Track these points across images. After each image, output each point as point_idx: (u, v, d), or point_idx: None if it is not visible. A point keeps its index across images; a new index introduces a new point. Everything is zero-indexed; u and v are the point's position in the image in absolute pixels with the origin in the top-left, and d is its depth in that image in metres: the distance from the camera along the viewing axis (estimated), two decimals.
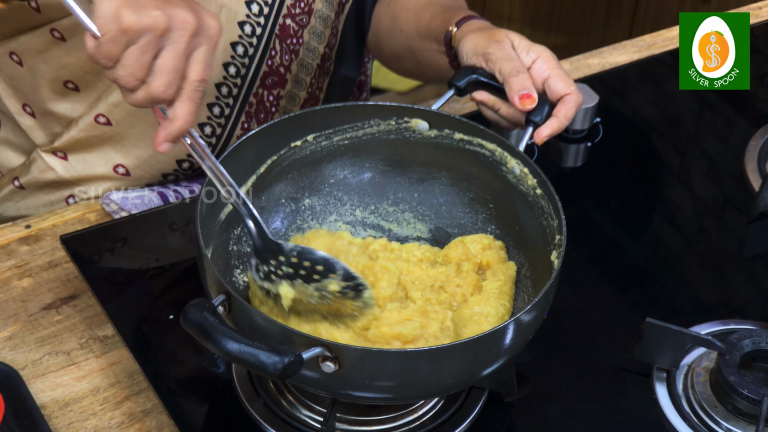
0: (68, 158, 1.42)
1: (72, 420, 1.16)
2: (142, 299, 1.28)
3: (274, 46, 1.39)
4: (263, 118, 1.44)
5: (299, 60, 1.43)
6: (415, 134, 1.23)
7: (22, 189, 1.46)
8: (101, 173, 1.42)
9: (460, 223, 1.25)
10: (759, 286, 1.37)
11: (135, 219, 1.36)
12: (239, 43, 1.35)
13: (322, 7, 1.42)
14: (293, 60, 1.42)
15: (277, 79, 1.42)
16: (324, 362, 0.97)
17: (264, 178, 1.20)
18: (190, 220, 1.37)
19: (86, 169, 1.42)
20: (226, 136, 1.42)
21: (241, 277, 1.18)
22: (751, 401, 1.15)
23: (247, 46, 1.36)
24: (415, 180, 1.26)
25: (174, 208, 1.38)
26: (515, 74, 1.21)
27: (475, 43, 1.26)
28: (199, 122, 1.40)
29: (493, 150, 1.20)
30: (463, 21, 1.32)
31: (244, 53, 1.36)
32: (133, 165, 1.41)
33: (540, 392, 1.21)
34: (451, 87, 1.24)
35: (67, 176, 1.43)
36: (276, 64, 1.41)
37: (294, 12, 1.39)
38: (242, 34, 1.35)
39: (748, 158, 1.51)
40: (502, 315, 1.15)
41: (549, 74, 1.23)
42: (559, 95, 1.22)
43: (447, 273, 1.18)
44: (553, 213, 1.12)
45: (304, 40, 1.42)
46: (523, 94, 1.20)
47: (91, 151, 1.41)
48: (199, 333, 0.95)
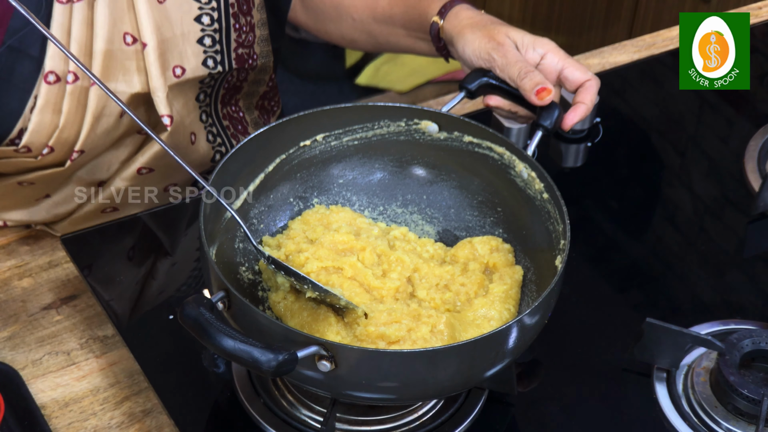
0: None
1: (72, 420, 1.16)
2: (142, 300, 1.28)
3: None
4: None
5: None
6: (425, 136, 1.23)
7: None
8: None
9: (468, 226, 1.25)
10: (759, 286, 1.37)
11: (135, 219, 1.36)
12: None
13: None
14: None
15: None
16: (320, 361, 0.97)
17: (272, 177, 1.21)
18: (190, 219, 1.37)
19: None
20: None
21: (246, 275, 1.18)
22: (751, 401, 1.15)
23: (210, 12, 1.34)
24: (424, 182, 1.26)
25: (174, 208, 1.38)
26: (525, 76, 1.21)
27: (475, 46, 1.26)
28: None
29: (501, 153, 1.20)
30: (446, 10, 1.30)
31: (210, 21, 1.33)
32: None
33: (540, 392, 1.21)
34: (462, 90, 1.24)
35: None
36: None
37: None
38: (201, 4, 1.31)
39: (748, 158, 1.51)
40: (506, 319, 1.14)
41: (563, 65, 1.23)
42: (578, 83, 1.23)
43: (453, 272, 1.18)
44: (559, 218, 1.12)
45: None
46: (538, 89, 1.20)
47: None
48: (194, 329, 0.96)
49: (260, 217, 1.22)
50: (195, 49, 1.30)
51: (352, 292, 1.12)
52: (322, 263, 1.13)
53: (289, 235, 1.20)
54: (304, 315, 1.11)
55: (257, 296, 1.17)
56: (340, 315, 1.11)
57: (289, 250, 1.17)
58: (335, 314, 1.10)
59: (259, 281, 1.18)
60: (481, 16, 1.29)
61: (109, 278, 1.29)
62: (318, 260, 1.14)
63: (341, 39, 1.47)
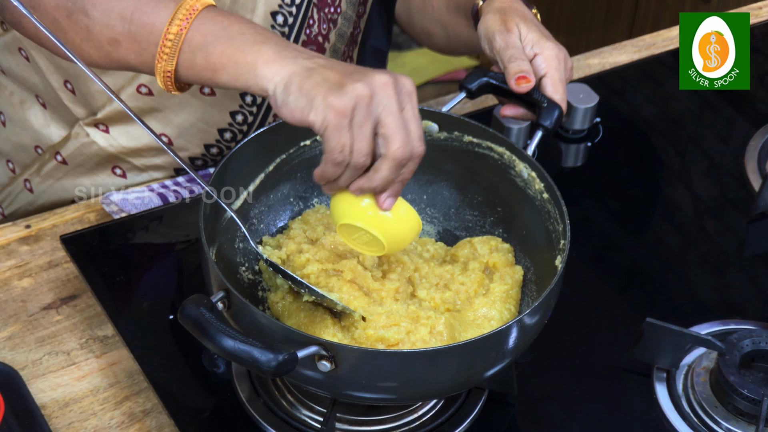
0: (110, 131, 1.41)
1: (72, 420, 1.16)
2: (142, 299, 1.28)
3: (312, 14, 1.38)
4: None
5: (337, 29, 1.42)
6: (425, 136, 1.23)
7: (65, 164, 1.45)
8: (144, 144, 1.41)
9: (468, 226, 1.25)
10: (759, 286, 1.37)
11: (135, 219, 1.36)
12: (279, 13, 1.34)
13: None
14: (331, 29, 1.42)
15: (315, 48, 1.41)
16: (320, 361, 0.97)
17: (272, 177, 1.21)
18: (190, 219, 1.37)
19: (129, 141, 1.41)
20: (265, 110, 1.42)
21: (246, 275, 1.18)
22: (751, 401, 1.15)
23: (287, 15, 1.35)
24: (424, 182, 1.26)
25: (174, 208, 1.38)
26: (513, 60, 1.20)
27: (487, 26, 1.25)
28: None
29: (501, 153, 1.20)
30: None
31: (284, 22, 1.35)
32: (175, 134, 1.40)
33: (540, 392, 1.21)
34: (462, 90, 1.24)
35: (110, 149, 1.42)
36: (314, 33, 1.40)
37: None
38: (282, 3, 1.34)
39: (748, 158, 1.51)
40: (506, 319, 1.14)
41: (545, 74, 1.22)
42: (548, 96, 1.22)
43: (452, 271, 1.18)
44: (558, 218, 1.12)
45: (342, 9, 1.41)
46: (519, 76, 1.20)
47: (132, 122, 1.40)
48: (195, 329, 0.96)
49: (260, 217, 1.22)
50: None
51: (351, 295, 1.11)
52: (322, 265, 1.13)
53: (289, 235, 1.20)
54: (301, 316, 1.11)
55: (257, 296, 1.17)
56: (337, 317, 1.11)
57: (290, 249, 1.17)
58: (332, 316, 1.10)
59: (259, 281, 1.19)
60: (515, 3, 1.29)
61: (109, 278, 1.29)
62: (318, 262, 1.14)
63: (422, 32, 1.49)
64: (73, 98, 1.40)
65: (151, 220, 1.37)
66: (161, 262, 1.34)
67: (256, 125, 1.41)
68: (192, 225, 1.36)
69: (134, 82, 1.37)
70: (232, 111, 1.39)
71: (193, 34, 1.07)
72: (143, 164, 1.44)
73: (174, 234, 1.37)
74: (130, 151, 1.42)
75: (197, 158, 1.43)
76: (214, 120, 1.40)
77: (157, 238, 1.36)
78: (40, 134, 1.45)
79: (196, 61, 1.08)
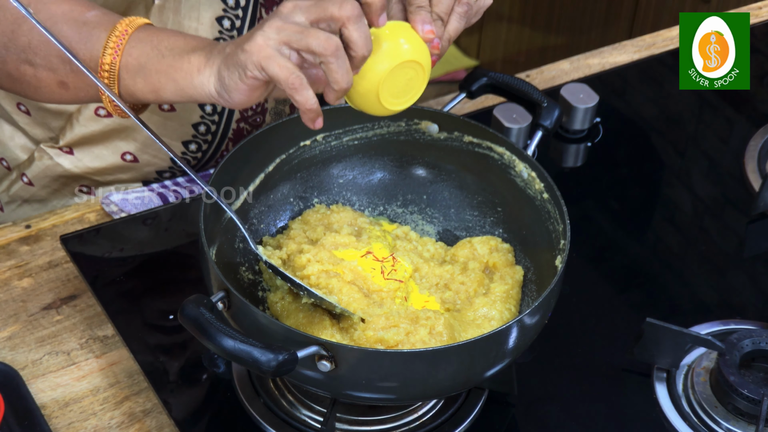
0: (74, 152, 1.42)
1: (72, 420, 1.16)
2: (142, 299, 1.27)
3: (261, 15, 1.35)
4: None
5: None
6: (425, 136, 1.23)
7: (31, 185, 1.45)
8: (109, 163, 1.41)
9: (468, 226, 1.25)
10: (759, 286, 1.37)
11: (135, 219, 1.36)
12: (225, 17, 1.32)
13: None
14: None
15: None
16: (320, 361, 0.97)
17: (272, 177, 1.21)
18: (190, 219, 1.37)
19: (94, 161, 1.41)
20: (227, 118, 1.41)
21: (246, 275, 1.18)
22: (751, 401, 1.15)
23: (233, 18, 1.34)
24: (424, 182, 1.26)
25: (174, 208, 1.38)
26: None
27: None
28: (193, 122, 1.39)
29: (501, 153, 1.20)
30: None
31: (231, 26, 1.33)
32: (139, 150, 1.40)
33: (540, 392, 1.21)
34: (462, 90, 1.24)
35: (75, 170, 1.42)
36: None
37: None
38: (226, 7, 1.32)
39: (748, 158, 1.51)
40: (506, 319, 1.14)
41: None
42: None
43: (452, 271, 1.18)
44: (559, 218, 1.13)
45: None
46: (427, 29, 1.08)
47: (97, 143, 1.40)
48: (195, 329, 0.96)
49: (260, 217, 1.22)
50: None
51: (351, 296, 1.11)
52: (322, 266, 1.13)
53: (289, 235, 1.20)
54: (299, 316, 1.11)
55: (257, 296, 1.17)
56: (336, 319, 1.11)
57: (290, 249, 1.17)
58: (331, 318, 1.10)
59: (259, 281, 1.19)
60: None
61: (109, 278, 1.29)
62: (319, 263, 1.13)
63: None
64: (29, 120, 1.40)
65: (151, 220, 1.37)
66: (161, 262, 1.34)
67: (219, 134, 1.40)
68: (192, 225, 1.36)
69: (91, 105, 1.37)
70: (194, 123, 1.39)
71: (126, 59, 1.07)
72: (110, 180, 1.44)
73: (174, 234, 1.37)
74: (96, 170, 1.42)
75: (165, 171, 1.43)
76: (177, 133, 1.39)
77: (157, 238, 1.36)
78: (5, 147, 1.45)
79: (137, 85, 1.08)
